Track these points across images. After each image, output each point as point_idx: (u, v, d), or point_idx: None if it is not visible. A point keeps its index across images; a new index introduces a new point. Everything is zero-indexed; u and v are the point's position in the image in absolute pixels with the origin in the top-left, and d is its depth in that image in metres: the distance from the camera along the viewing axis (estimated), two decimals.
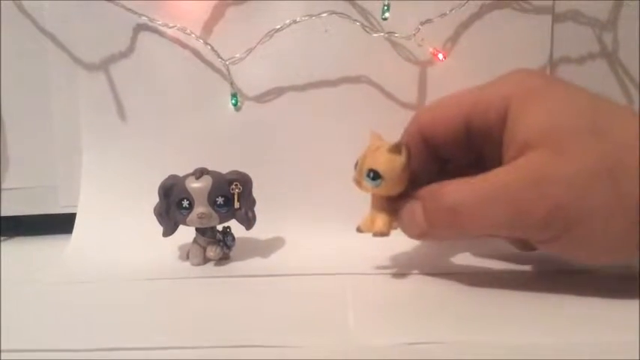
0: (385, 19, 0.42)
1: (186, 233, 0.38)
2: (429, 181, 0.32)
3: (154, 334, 0.28)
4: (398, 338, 0.26)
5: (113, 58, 0.44)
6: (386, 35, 0.42)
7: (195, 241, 0.38)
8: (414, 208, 0.32)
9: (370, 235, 0.33)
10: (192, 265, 0.38)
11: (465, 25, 0.43)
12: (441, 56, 0.42)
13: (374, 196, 0.33)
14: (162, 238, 0.38)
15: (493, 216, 0.29)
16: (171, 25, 0.42)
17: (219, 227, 0.38)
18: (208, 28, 0.43)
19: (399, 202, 0.33)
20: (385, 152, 0.32)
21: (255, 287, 0.35)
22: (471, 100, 0.32)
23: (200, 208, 0.36)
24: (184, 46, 0.43)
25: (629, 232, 0.28)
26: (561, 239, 0.29)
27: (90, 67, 0.44)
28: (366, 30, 0.42)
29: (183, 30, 0.42)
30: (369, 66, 0.43)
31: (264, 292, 0.34)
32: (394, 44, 0.43)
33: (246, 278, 0.36)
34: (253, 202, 0.38)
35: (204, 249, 0.38)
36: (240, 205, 0.37)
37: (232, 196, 0.37)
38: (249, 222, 0.38)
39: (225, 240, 0.38)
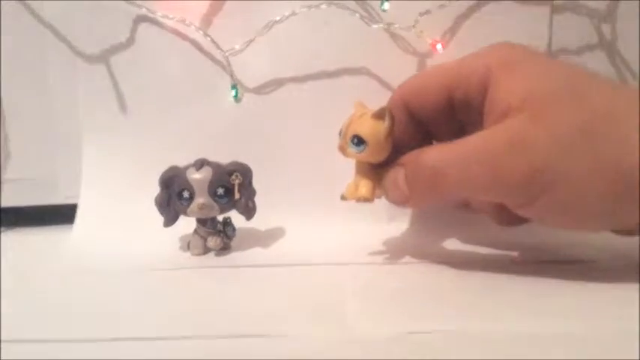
0: (384, 10, 0.42)
1: (186, 224, 0.38)
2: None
3: (155, 324, 0.28)
4: (397, 328, 0.27)
5: (113, 50, 0.44)
6: (385, 26, 0.42)
7: (195, 231, 0.38)
8: (396, 174, 0.32)
9: (354, 202, 0.33)
10: (193, 255, 0.38)
11: (464, 17, 0.43)
12: (440, 47, 0.42)
13: (358, 162, 0.34)
14: (163, 229, 0.38)
15: (472, 177, 0.30)
16: (170, 16, 0.42)
17: (220, 218, 0.38)
18: (208, 19, 0.43)
19: (383, 170, 0.33)
20: (369, 118, 0.32)
21: (256, 277, 0.35)
22: (453, 70, 0.33)
23: (200, 199, 0.36)
24: (184, 37, 0.43)
25: (606, 198, 0.28)
26: (538, 203, 0.29)
27: (90, 59, 0.44)
28: (365, 21, 0.42)
29: (182, 21, 0.42)
30: (368, 57, 0.43)
31: (264, 283, 0.34)
32: (393, 35, 0.43)
33: (246, 268, 0.36)
34: (253, 192, 0.38)
35: (205, 239, 0.38)
36: (240, 195, 0.37)
37: (232, 186, 0.37)
38: (249, 212, 0.38)
39: (225, 230, 0.38)
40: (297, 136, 0.43)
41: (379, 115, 0.32)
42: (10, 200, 0.46)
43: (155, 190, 0.37)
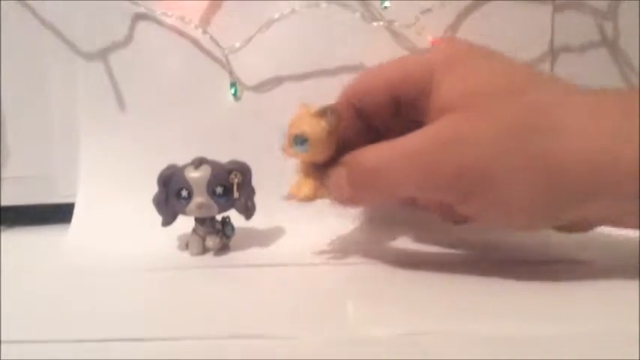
0: (385, 7, 0.41)
1: (185, 223, 0.38)
2: None
3: (153, 324, 0.28)
4: (397, 328, 0.26)
5: (112, 48, 0.43)
6: (386, 24, 0.42)
7: (194, 231, 0.38)
8: (338, 174, 0.32)
9: (298, 201, 0.34)
10: (192, 255, 0.38)
11: (465, 14, 0.43)
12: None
13: (302, 162, 0.34)
14: (162, 228, 0.38)
15: (407, 176, 0.30)
16: (169, 14, 0.42)
17: (219, 217, 0.38)
18: (207, 17, 0.43)
19: (327, 170, 0.33)
20: (310, 117, 0.32)
21: (255, 277, 0.34)
22: (398, 69, 0.33)
23: (199, 198, 0.36)
24: (183, 35, 0.43)
25: (537, 192, 0.28)
26: (472, 200, 0.29)
27: (88, 57, 0.44)
28: (365, 18, 0.41)
29: (181, 19, 0.42)
30: (368, 55, 0.43)
31: (263, 282, 0.34)
32: (394, 33, 0.43)
33: (245, 268, 0.36)
34: (253, 191, 0.38)
35: (204, 239, 0.38)
36: (239, 194, 0.37)
37: (231, 185, 0.37)
38: (248, 212, 0.38)
39: (224, 230, 0.38)
40: None
41: (321, 114, 0.32)
42: (7, 199, 0.46)
43: (153, 189, 0.37)
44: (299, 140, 0.32)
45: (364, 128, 0.35)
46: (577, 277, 0.31)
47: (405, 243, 0.39)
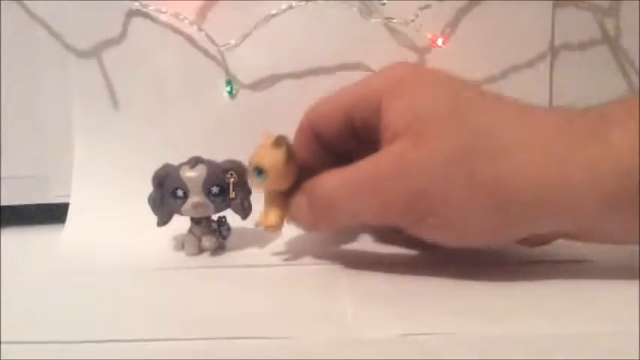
0: (383, 4, 0.41)
1: (180, 223, 0.38)
2: None
3: (148, 325, 0.28)
4: (395, 329, 0.26)
5: (105, 45, 0.43)
6: (384, 21, 0.42)
7: (190, 231, 0.38)
8: (298, 201, 0.33)
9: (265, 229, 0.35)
10: (188, 255, 0.38)
11: (464, 11, 0.42)
12: (440, 42, 0.42)
13: (265, 192, 0.35)
14: (157, 228, 0.38)
15: (361, 206, 0.31)
16: (164, 10, 0.42)
17: (215, 217, 0.38)
18: (202, 13, 0.42)
19: (290, 196, 0.34)
20: (268, 148, 0.33)
21: (252, 277, 0.34)
22: (351, 94, 0.34)
23: (195, 198, 0.36)
24: (178, 31, 0.43)
25: (486, 214, 0.29)
26: (424, 224, 0.30)
27: (81, 54, 0.43)
28: (363, 15, 0.41)
29: (176, 15, 0.42)
30: (366, 52, 0.43)
31: (259, 283, 0.34)
32: (392, 30, 0.42)
33: (242, 268, 0.36)
34: (249, 191, 0.38)
35: (200, 239, 0.37)
36: (235, 194, 0.37)
37: (227, 185, 0.36)
38: (244, 211, 0.37)
39: (220, 230, 0.38)
40: (293, 133, 0.43)
41: (277, 144, 0.33)
42: (1, 199, 0.45)
43: (148, 188, 0.37)
44: (258, 171, 0.33)
45: (324, 153, 0.35)
46: (577, 277, 0.31)
47: (407, 243, 0.39)
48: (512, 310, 0.29)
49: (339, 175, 0.31)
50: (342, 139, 0.34)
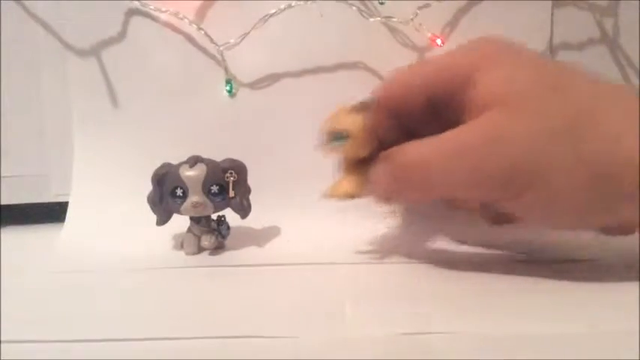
0: (382, 3, 0.41)
1: (180, 222, 0.38)
2: None
3: (148, 324, 0.28)
4: (394, 328, 0.26)
5: (105, 44, 0.43)
6: (383, 20, 0.41)
7: (189, 230, 0.38)
8: (379, 170, 0.32)
9: (338, 200, 0.33)
10: (187, 254, 0.38)
11: (463, 10, 0.42)
12: (439, 41, 0.42)
13: (343, 160, 0.34)
14: (156, 227, 0.38)
15: (454, 172, 0.30)
16: (163, 9, 0.42)
17: (214, 216, 0.38)
18: (202, 12, 0.42)
19: (368, 167, 0.33)
20: (347, 113, 0.32)
21: (251, 277, 0.34)
22: (435, 68, 0.33)
23: (194, 197, 0.36)
24: (177, 31, 0.43)
25: (588, 193, 0.28)
26: (521, 198, 0.29)
27: (81, 53, 0.43)
28: (362, 15, 0.41)
29: (176, 14, 0.42)
30: (365, 51, 0.42)
31: (259, 282, 0.33)
32: (392, 29, 0.42)
33: (241, 268, 0.36)
34: (248, 190, 0.38)
35: (199, 238, 0.37)
36: (235, 193, 0.37)
37: (227, 184, 0.37)
38: (244, 211, 0.38)
39: (219, 229, 0.38)
40: (293, 132, 0.43)
41: (359, 108, 0.32)
42: (0, 198, 0.45)
43: (148, 187, 0.37)
44: (338, 136, 0.32)
45: (398, 128, 0.34)
46: (577, 277, 0.31)
47: (403, 242, 0.39)
48: (512, 310, 0.28)
49: (430, 143, 0.30)
50: (417, 112, 0.33)
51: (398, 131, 0.34)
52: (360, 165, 0.33)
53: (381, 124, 0.33)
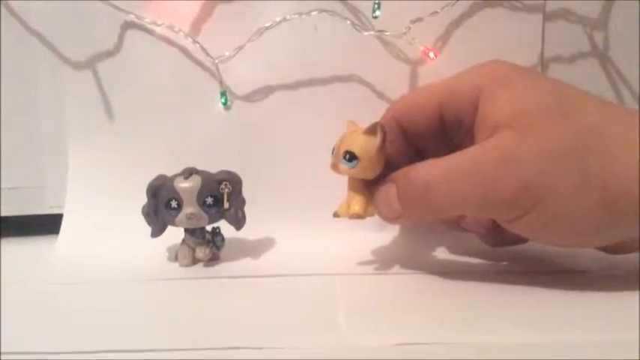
0: (376, 17, 0.41)
1: (174, 234, 0.38)
2: None
3: (142, 336, 0.28)
4: (388, 339, 0.26)
5: (100, 57, 0.43)
6: (376, 33, 0.42)
7: (184, 241, 0.38)
8: (388, 190, 0.32)
9: (348, 219, 0.33)
10: (181, 266, 0.38)
11: (455, 24, 0.43)
12: (432, 55, 0.42)
13: (350, 179, 0.34)
14: (151, 239, 0.38)
15: (463, 192, 0.30)
16: (159, 22, 0.42)
17: (209, 228, 0.38)
18: (197, 26, 0.42)
19: (375, 187, 0.33)
20: (360, 134, 0.32)
21: (245, 288, 0.34)
22: (445, 89, 0.33)
23: (189, 209, 0.36)
24: (172, 44, 0.43)
25: (594, 212, 0.29)
26: (528, 217, 0.29)
27: (77, 66, 0.43)
28: (356, 28, 0.41)
29: (171, 28, 0.42)
30: (359, 64, 0.43)
31: (254, 293, 0.33)
32: (385, 43, 0.43)
33: (235, 279, 0.35)
34: (243, 202, 0.38)
35: (194, 250, 0.37)
36: (229, 205, 0.37)
37: (222, 196, 0.37)
38: (238, 222, 0.38)
39: (214, 240, 0.38)
40: (287, 144, 0.43)
41: (371, 131, 0.32)
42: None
43: (142, 199, 0.37)
44: (349, 157, 0.32)
45: (406, 146, 0.35)
46: (575, 287, 0.31)
47: (398, 251, 0.39)
48: (508, 320, 0.28)
49: (439, 163, 0.31)
50: (428, 134, 0.34)
51: (407, 152, 0.35)
52: (368, 184, 0.33)
53: (390, 144, 0.33)
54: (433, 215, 0.33)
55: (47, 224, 0.44)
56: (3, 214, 0.45)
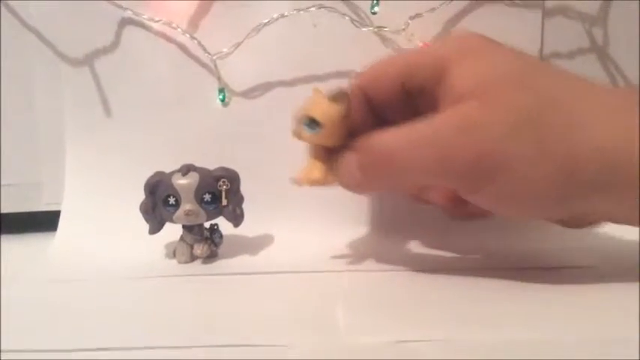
0: (374, 13, 0.41)
1: (172, 231, 0.38)
2: None
3: (140, 333, 0.28)
4: (387, 336, 0.26)
5: (98, 53, 0.43)
6: (375, 30, 0.42)
7: (182, 238, 0.38)
8: (348, 159, 0.32)
9: (308, 186, 0.33)
10: (179, 263, 0.38)
11: (454, 20, 0.42)
12: None
13: (312, 146, 0.33)
14: (149, 236, 0.38)
15: (422, 160, 0.30)
16: (156, 19, 0.42)
17: (207, 224, 0.38)
18: (195, 22, 0.42)
19: (337, 155, 0.33)
20: (324, 101, 0.32)
21: (243, 285, 0.34)
22: (409, 59, 0.33)
23: (187, 205, 0.36)
24: (170, 40, 0.43)
25: (551, 184, 0.29)
26: (487, 188, 0.30)
27: (74, 63, 0.43)
28: (355, 24, 0.41)
29: (169, 24, 0.42)
30: (358, 60, 0.42)
31: (252, 290, 0.33)
32: (384, 39, 0.43)
33: (233, 276, 0.35)
34: (241, 198, 0.38)
35: (192, 246, 0.37)
36: (227, 202, 0.37)
37: (220, 192, 0.36)
38: (236, 219, 0.38)
39: (212, 237, 0.38)
40: (285, 141, 0.43)
41: (335, 98, 0.32)
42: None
43: (140, 196, 0.37)
44: (311, 123, 0.31)
45: (371, 117, 0.35)
46: (575, 283, 0.31)
47: (397, 249, 0.39)
48: (508, 316, 0.28)
49: (399, 132, 0.31)
50: (393, 103, 0.34)
51: (371, 121, 0.34)
52: (330, 152, 0.33)
53: (356, 113, 0.33)
54: (394, 184, 0.34)
55: (45, 221, 0.44)
56: (2, 211, 0.45)
